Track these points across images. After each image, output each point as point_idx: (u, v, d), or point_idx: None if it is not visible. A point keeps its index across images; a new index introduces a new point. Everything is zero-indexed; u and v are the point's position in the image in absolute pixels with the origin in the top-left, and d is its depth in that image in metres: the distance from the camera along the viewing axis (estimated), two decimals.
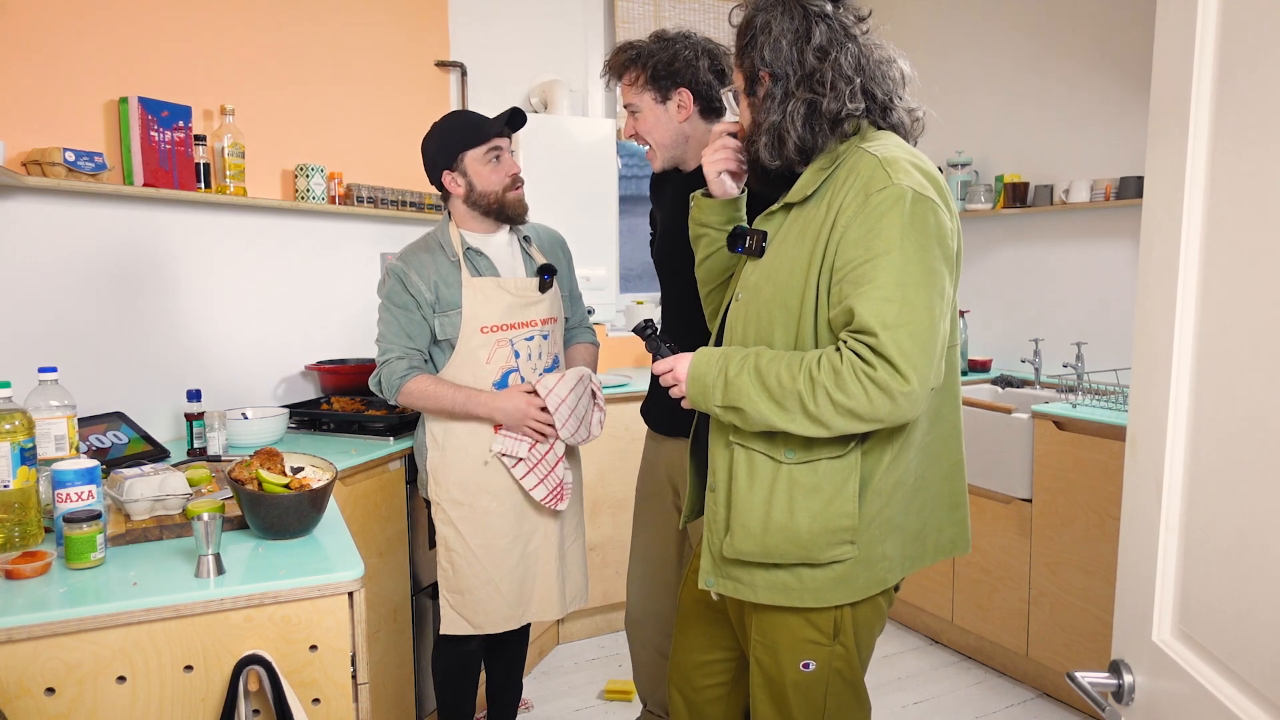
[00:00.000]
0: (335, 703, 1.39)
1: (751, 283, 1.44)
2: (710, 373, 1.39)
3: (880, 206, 1.27)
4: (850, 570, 1.38)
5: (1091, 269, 3.26)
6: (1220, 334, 0.81)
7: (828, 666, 1.44)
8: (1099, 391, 2.85)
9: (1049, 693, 2.82)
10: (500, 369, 2.03)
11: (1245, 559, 0.77)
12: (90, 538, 1.39)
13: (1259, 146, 0.75)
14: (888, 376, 1.24)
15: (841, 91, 1.35)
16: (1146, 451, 0.92)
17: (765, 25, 1.39)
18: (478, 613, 2.06)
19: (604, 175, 3.35)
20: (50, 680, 1.23)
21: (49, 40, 2.16)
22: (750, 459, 1.40)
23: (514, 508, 2.06)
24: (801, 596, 1.40)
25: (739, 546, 1.40)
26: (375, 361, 2.08)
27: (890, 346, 1.24)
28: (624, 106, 1.97)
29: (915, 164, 1.34)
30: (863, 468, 1.37)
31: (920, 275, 1.26)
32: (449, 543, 2.05)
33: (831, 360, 1.28)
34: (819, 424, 1.30)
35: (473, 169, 2.02)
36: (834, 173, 1.38)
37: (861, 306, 1.26)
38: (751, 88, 1.44)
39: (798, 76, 1.37)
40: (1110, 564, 2.51)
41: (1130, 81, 3.07)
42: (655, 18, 3.79)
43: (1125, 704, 0.95)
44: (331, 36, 2.91)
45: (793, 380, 1.30)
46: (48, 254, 2.17)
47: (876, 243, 1.27)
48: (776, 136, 1.39)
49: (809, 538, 1.35)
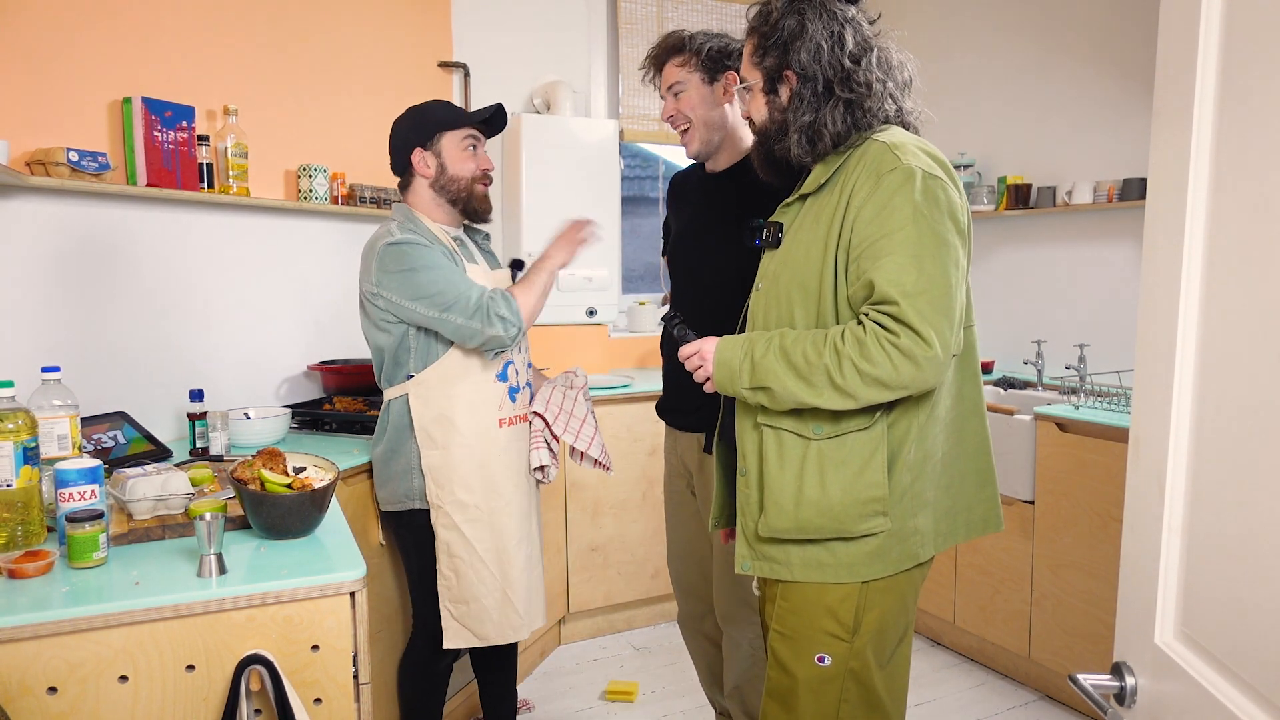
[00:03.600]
0: (337, 703, 1.39)
1: (770, 271, 1.50)
2: (736, 356, 1.44)
3: (892, 185, 1.33)
4: (883, 544, 1.42)
5: (1094, 271, 3.25)
6: (1223, 336, 0.81)
7: (844, 666, 1.45)
8: (1101, 393, 2.84)
9: (1051, 695, 2.81)
10: (502, 360, 2.01)
11: (1248, 561, 0.76)
12: (93, 537, 1.39)
13: (1263, 149, 0.75)
14: (910, 342, 1.29)
15: (878, 93, 1.43)
16: (1149, 453, 0.92)
17: (798, 28, 1.43)
18: (484, 623, 1.99)
19: (607, 176, 3.35)
20: (52, 679, 1.24)
21: (52, 40, 2.17)
22: (779, 438, 1.44)
23: (520, 507, 2.02)
24: (836, 571, 1.43)
25: (773, 524, 1.43)
26: (457, 320, 1.85)
27: (911, 313, 1.29)
28: (667, 89, 1.98)
29: (922, 148, 1.40)
30: (889, 441, 1.41)
31: (934, 246, 1.32)
32: (452, 549, 1.98)
33: (855, 332, 1.33)
34: (846, 395, 1.34)
35: (447, 150, 1.98)
36: (845, 162, 1.43)
37: (880, 278, 1.31)
38: (773, 86, 1.48)
39: (835, 78, 1.42)
40: (1112, 566, 2.51)
41: (1133, 83, 3.07)
42: (658, 19, 3.79)
43: (1127, 706, 0.95)
44: (334, 37, 2.91)
45: (818, 355, 1.35)
46: (51, 254, 2.18)
47: (891, 219, 1.32)
48: (811, 135, 1.44)
49: (841, 509, 1.39)
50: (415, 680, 2.13)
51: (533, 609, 2.07)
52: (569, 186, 3.28)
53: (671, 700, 2.83)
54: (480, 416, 1.99)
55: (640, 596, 3.37)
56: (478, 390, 1.98)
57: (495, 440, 2.00)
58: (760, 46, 1.48)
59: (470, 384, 1.97)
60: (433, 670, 2.11)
